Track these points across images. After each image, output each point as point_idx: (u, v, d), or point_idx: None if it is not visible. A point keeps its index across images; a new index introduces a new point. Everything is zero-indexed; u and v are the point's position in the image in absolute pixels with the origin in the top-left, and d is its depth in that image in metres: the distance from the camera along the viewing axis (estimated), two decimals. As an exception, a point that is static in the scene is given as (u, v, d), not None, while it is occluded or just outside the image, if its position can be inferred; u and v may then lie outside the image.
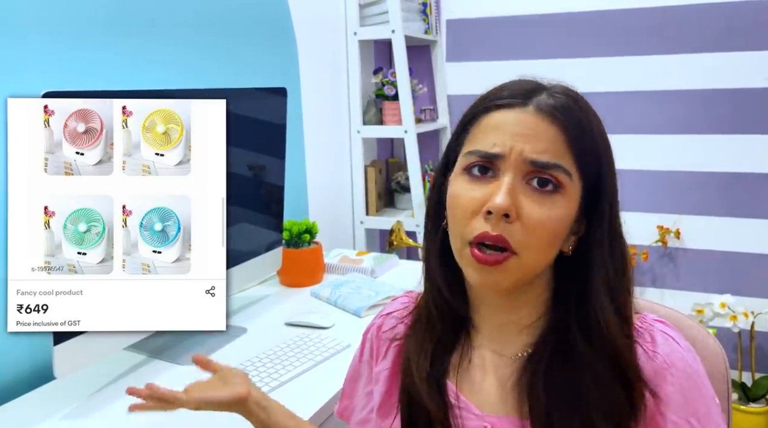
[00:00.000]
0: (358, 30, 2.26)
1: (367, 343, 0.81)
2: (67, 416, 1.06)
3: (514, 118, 0.63)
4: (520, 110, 0.63)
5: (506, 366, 0.68)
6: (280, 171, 1.58)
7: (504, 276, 0.62)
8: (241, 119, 1.45)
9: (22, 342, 1.17)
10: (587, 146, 0.63)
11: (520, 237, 0.61)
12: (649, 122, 2.26)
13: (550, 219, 0.61)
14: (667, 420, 0.62)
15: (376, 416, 0.75)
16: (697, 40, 2.17)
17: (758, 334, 2.15)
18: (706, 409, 0.63)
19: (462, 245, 0.63)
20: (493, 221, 0.61)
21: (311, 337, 1.33)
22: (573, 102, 0.64)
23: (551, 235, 0.62)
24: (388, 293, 1.55)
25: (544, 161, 0.61)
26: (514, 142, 0.62)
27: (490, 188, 0.62)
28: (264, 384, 1.13)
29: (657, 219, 2.28)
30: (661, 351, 0.64)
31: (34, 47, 1.18)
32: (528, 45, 2.37)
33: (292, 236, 1.71)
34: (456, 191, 0.65)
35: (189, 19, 1.55)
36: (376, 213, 2.41)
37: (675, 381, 0.62)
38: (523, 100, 0.63)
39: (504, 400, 0.67)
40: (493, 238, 0.61)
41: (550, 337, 0.66)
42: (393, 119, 2.30)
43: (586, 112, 0.65)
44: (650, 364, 0.63)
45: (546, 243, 0.62)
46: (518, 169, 0.62)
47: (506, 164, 0.62)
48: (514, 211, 0.60)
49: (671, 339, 0.65)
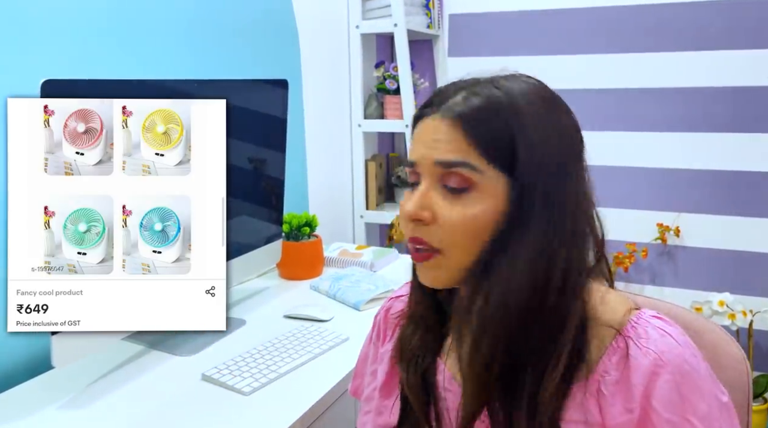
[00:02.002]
0: (360, 23, 2.25)
1: (376, 325, 0.85)
2: (65, 405, 1.06)
3: (426, 126, 0.66)
4: (431, 117, 0.66)
5: None
6: (280, 164, 1.59)
7: (437, 273, 0.66)
8: (242, 111, 1.45)
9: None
10: (499, 142, 0.62)
11: (439, 237, 0.64)
12: (649, 119, 2.26)
13: (465, 217, 0.63)
14: (662, 418, 0.61)
15: (378, 395, 0.78)
16: (699, 37, 2.16)
17: (756, 332, 2.15)
18: (707, 406, 0.61)
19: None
20: (411, 226, 0.66)
21: (310, 330, 1.34)
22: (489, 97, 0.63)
23: (470, 232, 0.63)
24: (387, 287, 1.56)
25: (446, 160, 0.63)
26: (426, 149, 0.65)
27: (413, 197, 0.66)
28: (263, 376, 1.14)
29: (657, 217, 2.28)
30: (653, 347, 0.62)
31: (35, 37, 1.18)
32: (530, 41, 2.36)
33: (292, 229, 1.71)
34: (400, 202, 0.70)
35: (191, 11, 1.55)
36: (376, 207, 2.41)
37: (670, 379, 0.61)
38: (436, 107, 0.66)
39: None
40: (412, 241, 0.66)
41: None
42: (394, 113, 2.30)
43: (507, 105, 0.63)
44: (642, 361, 0.62)
45: (467, 240, 0.64)
46: (431, 173, 0.65)
47: (422, 170, 0.66)
48: (427, 214, 0.64)
49: (667, 335, 0.64)
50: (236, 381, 1.12)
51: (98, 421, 1.02)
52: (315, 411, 1.08)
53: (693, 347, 0.65)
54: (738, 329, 2.10)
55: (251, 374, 1.15)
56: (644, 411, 0.62)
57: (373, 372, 0.82)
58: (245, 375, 1.14)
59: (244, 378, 1.13)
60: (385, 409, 0.76)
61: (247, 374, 1.14)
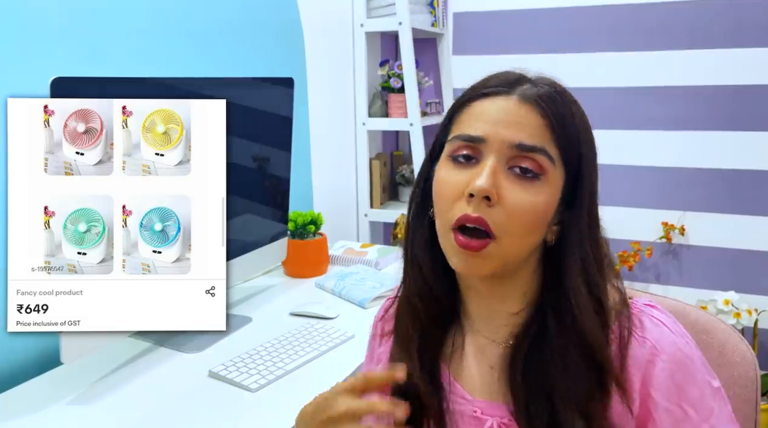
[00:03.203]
0: (365, 22, 2.25)
1: (375, 326, 0.84)
2: (74, 401, 1.08)
3: (498, 105, 0.64)
4: (504, 98, 0.64)
5: (496, 353, 0.69)
6: (286, 163, 1.60)
7: (485, 262, 0.63)
8: (248, 109, 1.46)
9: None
10: (569, 135, 0.64)
11: (500, 221, 0.62)
12: (654, 118, 2.25)
13: (531, 204, 0.62)
14: (659, 407, 0.62)
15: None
16: (703, 36, 2.15)
17: (761, 331, 2.15)
18: (699, 393, 0.63)
19: (446, 230, 0.65)
20: (474, 204, 0.62)
21: (316, 327, 1.35)
22: (556, 93, 0.65)
23: (531, 221, 0.63)
24: (391, 284, 1.56)
25: (529, 144, 0.62)
26: (498, 127, 0.63)
27: (473, 173, 0.63)
28: (269, 373, 1.15)
29: (661, 216, 2.28)
30: (649, 336, 0.64)
31: (40, 36, 1.19)
32: (534, 39, 2.36)
33: (298, 227, 1.72)
34: (441, 176, 0.66)
35: (197, 9, 1.56)
36: (381, 206, 2.41)
37: (665, 367, 0.62)
38: (507, 89, 0.65)
39: (494, 386, 0.68)
40: (473, 220, 0.62)
41: (533, 325, 0.66)
42: (399, 111, 2.30)
43: (570, 103, 0.66)
44: (639, 351, 0.63)
45: (526, 229, 0.63)
46: (501, 154, 0.63)
47: (489, 148, 0.63)
48: (495, 194, 0.62)
49: (661, 324, 0.65)
50: (243, 377, 1.13)
51: (106, 417, 1.03)
52: (320, 408, 1.09)
53: (686, 335, 0.66)
54: (743, 327, 2.09)
55: (258, 371, 1.15)
56: (642, 400, 0.63)
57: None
58: (252, 372, 1.15)
59: (251, 374, 1.14)
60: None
61: (253, 371, 1.15)
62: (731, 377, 0.71)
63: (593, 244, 0.66)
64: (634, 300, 0.68)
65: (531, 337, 0.66)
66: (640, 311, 0.66)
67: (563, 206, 0.65)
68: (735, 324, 2.07)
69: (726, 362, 0.76)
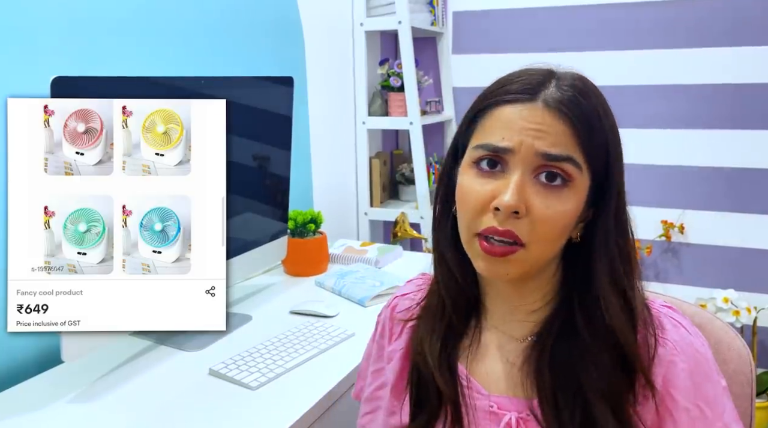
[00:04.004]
0: (364, 21, 2.26)
1: (380, 324, 0.83)
2: (74, 399, 1.08)
3: (522, 113, 0.63)
4: (529, 105, 0.63)
5: (515, 349, 0.70)
6: (286, 161, 1.60)
7: (512, 267, 0.64)
8: (248, 108, 1.47)
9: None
10: (596, 139, 0.63)
11: (528, 231, 0.62)
12: (654, 116, 2.26)
13: (558, 214, 0.62)
14: (679, 406, 0.63)
15: (390, 395, 0.77)
16: (703, 34, 2.15)
17: (761, 329, 2.15)
18: (713, 392, 0.64)
19: (470, 236, 0.65)
20: (501, 218, 0.62)
21: (316, 325, 1.35)
22: (582, 94, 0.64)
23: (560, 229, 0.63)
24: (392, 283, 1.57)
25: (556, 154, 0.62)
26: (524, 136, 0.62)
27: (499, 184, 0.63)
28: (269, 371, 1.15)
29: (661, 214, 2.28)
30: (670, 337, 0.65)
31: (41, 35, 1.19)
32: (534, 38, 2.36)
33: (297, 226, 1.73)
34: (465, 184, 0.66)
35: (196, 8, 1.56)
36: (380, 205, 2.42)
37: (685, 367, 0.63)
38: (530, 95, 0.63)
39: (511, 381, 0.69)
40: (501, 233, 0.62)
41: (556, 321, 0.67)
42: (398, 110, 2.30)
43: (595, 103, 0.65)
44: (660, 350, 0.64)
45: (555, 236, 0.64)
46: (527, 164, 0.62)
47: (515, 158, 0.62)
48: (523, 208, 0.61)
49: (680, 325, 0.66)
50: (243, 375, 1.13)
51: (107, 415, 1.04)
52: (322, 406, 1.09)
53: (700, 335, 0.67)
54: (742, 326, 2.10)
55: (258, 369, 1.16)
56: (662, 400, 0.63)
57: (377, 371, 0.81)
58: (252, 370, 1.15)
59: (251, 372, 1.14)
60: (398, 409, 0.75)
61: (254, 369, 1.16)
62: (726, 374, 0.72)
63: (621, 243, 0.66)
64: (652, 301, 0.68)
65: (556, 333, 0.66)
66: (659, 312, 0.67)
67: (588, 204, 0.66)
68: (734, 322, 2.07)
69: (721, 359, 0.77)
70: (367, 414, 0.80)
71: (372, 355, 0.83)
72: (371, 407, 0.80)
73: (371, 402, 0.80)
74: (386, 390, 0.78)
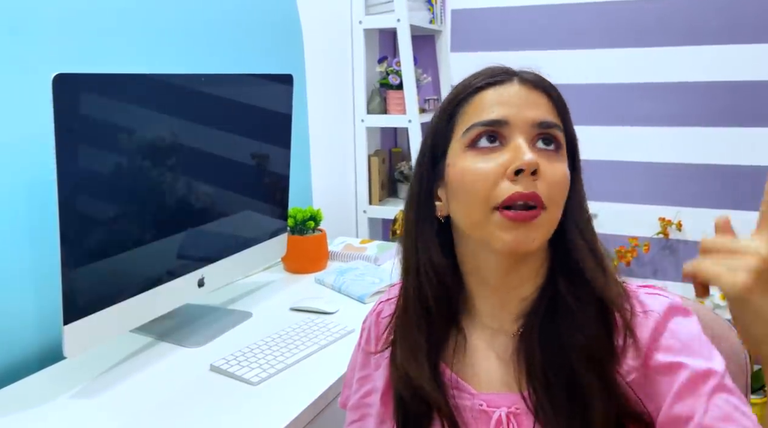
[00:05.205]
0: (363, 19, 2.26)
1: (365, 330, 0.82)
2: (76, 395, 1.08)
3: (506, 91, 0.66)
4: (508, 84, 0.67)
5: (505, 343, 0.69)
6: (285, 160, 1.60)
7: (537, 232, 0.64)
8: (248, 106, 1.47)
9: (32, 322, 1.20)
10: (564, 109, 0.69)
11: (546, 192, 0.63)
12: (652, 113, 2.27)
13: (563, 175, 0.65)
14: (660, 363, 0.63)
15: (379, 402, 0.76)
16: (699, 32, 2.17)
17: (757, 325, 2.16)
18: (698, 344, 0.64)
19: (484, 214, 0.64)
20: (523, 181, 0.62)
21: (316, 322, 1.35)
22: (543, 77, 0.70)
23: (564, 190, 0.66)
24: (391, 280, 1.55)
25: (549, 121, 0.66)
26: (516, 109, 0.65)
27: (505, 154, 0.64)
28: (270, 367, 1.16)
29: (659, 211, 2.29)
30: (651, 306, 0.65)
31: (41, 34, 1.19)
32: (532, 36, 2.37)
33: (297, 223, 1.73)
34: (466, 166, 0.65)
35: (196, 6, 1.56)
36: (379, 202, 2.42)
37: (662, 322, 0.64)
38: (506, 76, 0.68)
39: (502, 376, 0.69)
40: (527, 196, 0.62)
41: (544, 300, 0.68)
42: (397, 108, 2.31)
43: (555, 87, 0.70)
44: (649, 322, 0.64)
45: (563, 197, 0.66)
46: (525, 133, 0.65)
47: (513, 129, 0.65)
48: (539, 167, 0.63)
49: (656, 294, 0.67)
50: (244, 371, 1.14)
51: (109, 410, 1.04)
52: (322, 401, 1.10)
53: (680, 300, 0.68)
54: (740, 322, 2.11)
55: (259, 364, 1.16)
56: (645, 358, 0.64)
57: (364, 377, 0.79)
58: (253, 366, 1.16)
59: (252, 368, 1.15)
60: (388, 417, 0.74)
61: (254, 364, 1.16)
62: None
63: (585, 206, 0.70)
64: (627, 284, 0.69)
65: (543, 311, 0.67)
66: (635, 291, 0.68)
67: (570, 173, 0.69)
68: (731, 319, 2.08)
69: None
70: (354, 422, 0.79)
71: (358, 362, 0.82)
72: (359, 415, 0.79)
73: (359, 409, 0.79)
74: (375, 397, 0.77)
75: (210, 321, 1.38)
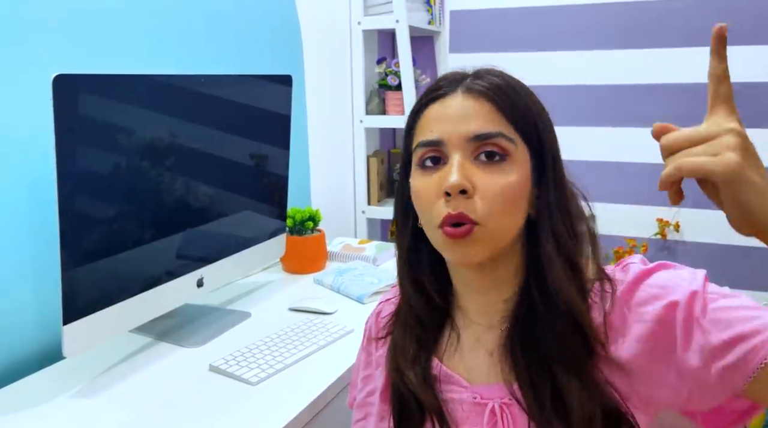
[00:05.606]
0: (362, 20, 2.27)
1: (367, 330, 0.85)
2: (76, 395, 1.09)
3: (447, 104, 0.67)
4: (451, 97, 0.67)
5: (493, 338, 0.71)
6: (284, 160, 1.61)
7: (476, 247, 0.65)
8: (247, 107, 1.47)
9: (32, 322, 1.20)
10: (520, 111, 0.67)
11: (480, 209, 0.64)
12: (650, 114, 2.27)
13: (504, 185, 0.64)
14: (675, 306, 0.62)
15: (379, 400, 0.77)
16: (699, 34, 2.17)
17: (755, 326, 2.17)
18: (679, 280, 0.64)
19: (433, 232, 0.67)
20: (452, 202, 0.64)
21: (315, 322, 1.36)
22: (495, 76, 0.68)
23: (509, 200, 0.65)
24: (389, 280, 1.58)
25: (485, 132, 0.65)
26: (452, 126, 0.66)
27: (443, 173, 0.65)
28: (269, 367, 1.16)
29: (656, 212, 2.30)
30: (621, 277, 0.66)
31: (41, 34, 1.19)
32: (530, 37, 2.37)
33: (296, 224, 1.73)
34: (416, 185, 0.68)
35: (195, 7, 1.56)
36: (378, 203, 2.43)
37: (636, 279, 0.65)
38: (452, 88, 0.68)
39: (492, 369, 0.70)
40: (454, 217, 0.64)
41: (523, 304, 0.69)
42: (396, 109, 2.31)
43: (509, 80, 0.69)
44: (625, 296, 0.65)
45: (505, 210, 0.65)
46: (462, 149, 0.65)
47: (450, 147, 0.66)
48: (469, 186, 0.64)
49: (627, 264, 0.68)
50: (243, 371, 1.14)
51: (108, 410, 1.04)
52: (321, 401, 1.10)
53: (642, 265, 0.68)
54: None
55: (258, 365, 1.17)
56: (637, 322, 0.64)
57: (367, 377, 0.81)
58: (252, 366, 1.16)
59: (251, 368, 1.15)
60: (387, 414, 0.75)
61: (253, 365, 1.16)
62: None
63: (563, 213, 0.68)
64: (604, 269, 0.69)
65: (522, 315, 0.68)
66: (611, 272, 0.68)
67: (534, 182, 0.68)
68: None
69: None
70: (359, 420, 0.81)
71: (361, 362, 0.84)
72: (363, 413, 0.80)
73: (363, 408, 0.80)
74: (376, 396, 0.79)
75: (209, 321, 1.38)
